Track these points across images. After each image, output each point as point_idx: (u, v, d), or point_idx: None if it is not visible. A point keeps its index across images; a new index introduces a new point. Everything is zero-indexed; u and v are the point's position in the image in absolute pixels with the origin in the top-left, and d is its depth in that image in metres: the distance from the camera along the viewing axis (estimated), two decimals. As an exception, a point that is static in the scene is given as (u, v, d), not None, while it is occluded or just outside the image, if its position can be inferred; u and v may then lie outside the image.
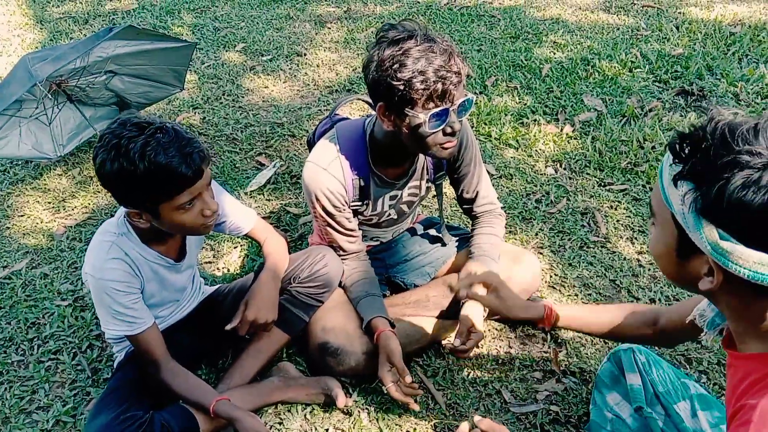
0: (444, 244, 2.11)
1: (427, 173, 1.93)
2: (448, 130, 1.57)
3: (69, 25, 4.52)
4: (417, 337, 1.97)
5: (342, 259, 1.93)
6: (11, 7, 4.90)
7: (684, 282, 1.02)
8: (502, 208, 2.06)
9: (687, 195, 0.92)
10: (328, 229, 1.87)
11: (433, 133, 1.56)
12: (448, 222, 2.29)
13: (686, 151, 0.93)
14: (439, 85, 1.49)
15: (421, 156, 1.87)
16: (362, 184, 1.82)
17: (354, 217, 1.91)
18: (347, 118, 2.00)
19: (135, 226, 1.61)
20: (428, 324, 1.99)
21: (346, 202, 1.82)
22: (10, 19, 4.70)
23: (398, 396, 1.71)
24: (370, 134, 1.78)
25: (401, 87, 1.50)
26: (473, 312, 1.80)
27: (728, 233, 0.89)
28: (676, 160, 0.94)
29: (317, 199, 1.80)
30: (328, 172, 1.77)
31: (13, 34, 4.48)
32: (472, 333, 1.77)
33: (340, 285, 1.94)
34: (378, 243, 2.13)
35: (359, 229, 1.96)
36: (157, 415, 1.60)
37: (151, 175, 1.42)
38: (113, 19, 4.55)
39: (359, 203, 1.87)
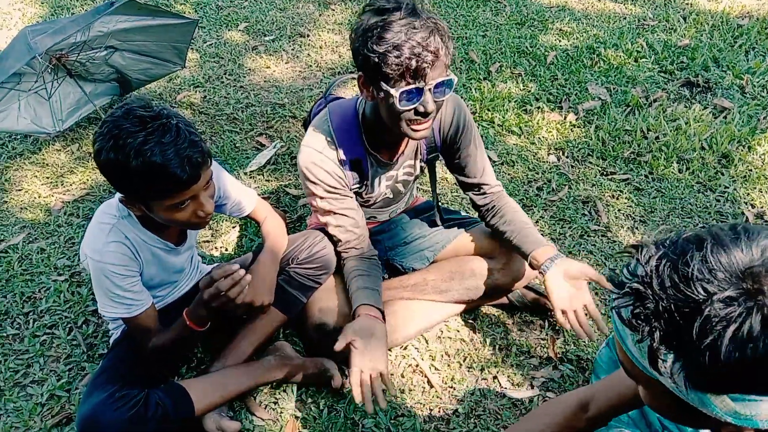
0: (447, 228, 2.09)
1: (421, 153, 1.89)
2: (421, 109, 1.51)
3: (70, 0, 4.47)
4: (414, 321, 1.96)
5: (343, 256, 1.87)
6: (12, -19, 4.85)
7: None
8: None
9: (674, 370, 0.79)
10: (328, 218, 1.81)
11: (405, 111, 1.51)
12: (448, 206, 2.28)
13: (642, 319, 0.79)
14: (413, 62, 1.43)
15: None
16: (359, 165, 1.78)
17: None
18: (342, 98, 1.96)
19: (133, 211, 1.59)
20: (426, 308, 1.98)
21: (344, 184, 1.78)
22: (10, -7, 4.65)
23: (357, 392, 1.59)
24: (362, 114, 1.74)
25: (376, 59, 1.45)
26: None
27: (744, 393, 0.77)
28: (634, 331, 0.81)
29: (313, 183, 1.75)
30: (323, 155, 1.73)
31: (14, 8, 4.43)
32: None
33: (337, 268, 1.92)
34: (375, 223, 2.11)
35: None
36: (152, 393, 1.60)
37: (144, 173, 1.38)
38: (115, -5, 4.50)
39: (358, 185, 1.84)
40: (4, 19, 4.27)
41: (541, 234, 2.33)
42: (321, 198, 1.77)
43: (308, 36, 3.82)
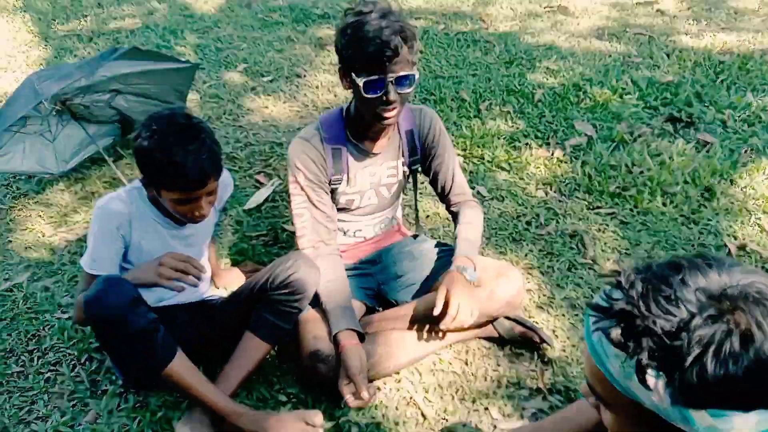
0: (437, 260, 2.16)
1: (403, 156, 2.07)
2: (384, 98, 1.75)
3: (74, 42, 4.61)
4: (406, 351, 2.02)
5: (315, 256, 1.97)
6: (17, 24, 4.99)
7: None
8: (493, 229, 2.13)
9: (659, 387, 0.84)
10: (303, 210, 1.98)
11: (370, 99, 1.76)
12: (439, 240, 2.36)
13: (631, 338, 0.85)
14: (375, 56, 1.69)
15: (395, 135, 2.04)
16: (340, 155, 1.97)
17: (333, 198, 2.04)
18: None
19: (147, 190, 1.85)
20: (414, 338, 2.05)
21: (326, 175, 1.97)
22: (15, 36, 4.79)
23: (354, 404, 1.82)
24: (346, 109, 1.99)
25: (345, 53, 1.75)
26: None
27: (721, 408, 0.82)
28: (623, 350, 0.86)
29: (297, 169, 1.95)
30: (310, 143, 1.96)
31: (18, 50, 4.56)
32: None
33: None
34: (362, 240, 2.19)
35: (340, 220, 2.09)
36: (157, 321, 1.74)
37: (163, 166, 1.66)
38: (117, 37, 4.64)
39: (338, 178, 1.99)
40: (8, 61, 4.39)
41: (530, 267, 2.43)
42: (301, 186, 1.97)
43: (305, 76, 3.94)
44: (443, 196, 2.18)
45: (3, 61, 4.38)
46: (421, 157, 2.11)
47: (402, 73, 1.73)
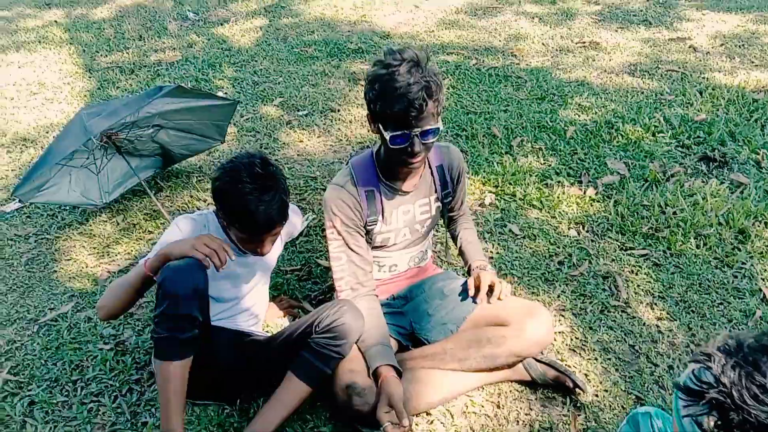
0: (465, 298, 2.19)
1: (436, 191, 2.16)
2: (409, 150, 1.84)
3: (116, 74, 4.78)
4: (437, 390, 2.05)
5: (353, 296, 2.05)
6: (63, 56, 5.20)
7: None
8: (525, 269, 2.28)
9: None
10: (341, 254, 2.05)
11: (396, 150, 1.85)
12: (466, 275, 2.40)
13: (726, 428, 0.85)
14: (401, 115, 1.77)
15: (427, 171, 2.12)
16: (374, 196, 2.04)
17: (369, 237, 2.09)
18: None
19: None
20: (448, 377, 2.07)
21: (361, 218, 2.03)
22: (62, 68, 4.99)
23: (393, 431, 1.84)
24: (376, 152, 2.07)
25: (374, 107, 1.83)
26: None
27: None
28: None
29: (334, 214, 2.02)
30: (344, 189, 2.02)
31: (64, 81, 4.75)
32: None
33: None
34: (396, 274, 2.24)
35: (376, 256, 2.16)
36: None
37: (236, 210, 1.86)
38: (158, 70, 4.80)
39: (374, 219, 2.05)
40: (55, 93, 4.58)
41: (562, 309, 2.44)
42: (338, 231, 2.04)
43: (338, 111, 4.03)
44: (446, 217, 2.31)
45: (50, 93, 4.57)
46: (451, 191, 2.20)
47: (427, 128, 1.82)
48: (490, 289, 2.10)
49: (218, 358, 1.98)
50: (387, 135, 1.82)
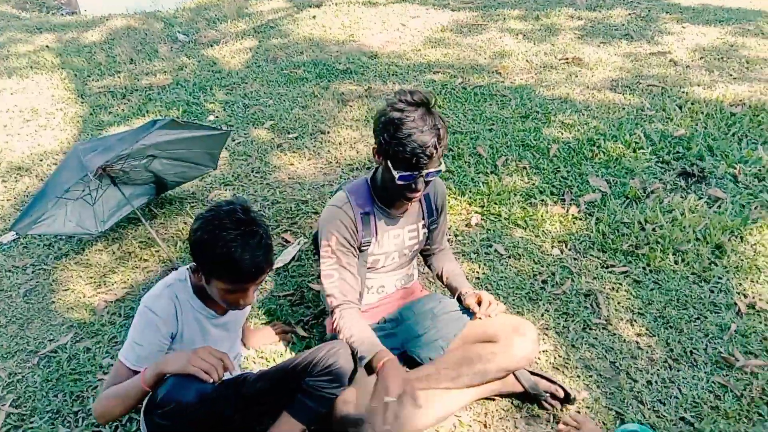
0: (455, 317, 2.29)
1: (423, 218, 2.30)
2: (413, 187, 2.01)
3: (108, 99, 4.88)
4: (434, 408, 2.15)
5: (340, 309, 2.14)
6: (55, 81, 5.29)
7: None
8: (511, 288, 2.55)
9: None
10: (333, 272, 2.15)
11: (400, 185, 2.00)
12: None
13: None
14: (413, 160, 1.92)
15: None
16: (369, 219, 2.17)
17: (362, 259, 2.20)
18: None
19: (192, 279, 1.94)
20: (442, 396, 2.17)
21: (356, 239, 2.15)
22: (54, 93, 5.08)
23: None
24: (371, 179, 2.20)
25: (387, 147, 1.95)
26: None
27: None
28: None
29: (330, 233, 2.13)
30: (341, 209, 2.15)
31: (56, 107, 4.84)
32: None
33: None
34: (384, 295, 2.36)
35: (366, 278, 2.27)
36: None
37: (221, 260, 1.75)
38: (149, 94, 4.90)
39: (368, 240, 2.18)
40: (47, 119, 4.66)
41: (546, 327, 2.54)
42: (333, 250, 2.14)
43: (328, 132, 4.13)
44: (427, 244, 2.42)
45: (43, 120, 4.65)
46: (435, 218, 2.33)
47: (433, 170, 1.99)
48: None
49: (210, 411, 1.92)
50: (396, 174, 1.97)
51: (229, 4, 6.87)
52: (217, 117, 4.46)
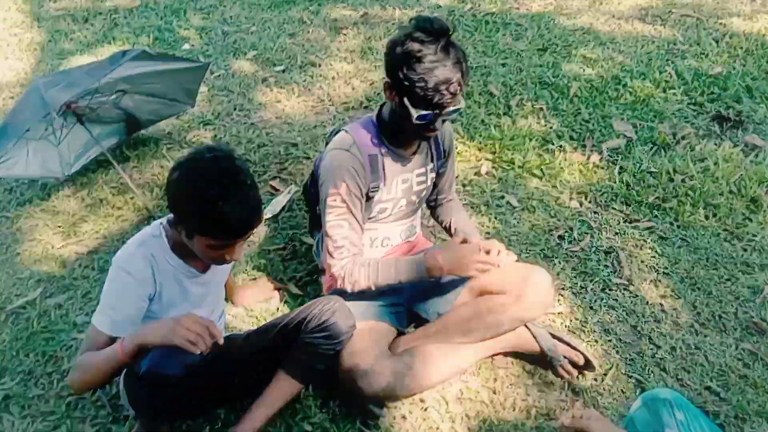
0: None
1: (432, 161, 2.33)
2: (431, 127, 2.02)
3: (68, 23, 4.81)
4: (447, 363, 2.25)
5: (353, 263, 2.18)
6: (7, 3, 5.19)
7: None
8: (524, 244, 2.63)
9: None
10: (343, 221, 2.16)
11: (418, 124, 2.01)
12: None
13: None
14: (436, 98, 1.92)
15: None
16: (377, 163, 2.18)
17: (368, 206, 2.24)
18: None
19: (168, 234, 1.92)
20: (450, 352, 2.26)
21: (365, 184, 2.17)
22: (5, 17, 5.00)
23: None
24: (378, 116, 2.20)
25: (405, 83, 1.93)
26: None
27: None
28: None
29: (341, 180, 2.13)
30: (349, 152, 2.14)
31: (10, 33, 4.77)
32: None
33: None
34: (389, 247, 2.41)
35: (368, 229, 2.30)
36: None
37: (207, 214, 1.73)
38: (115, 18, 4.83)
39: (376, 184, 2.20)
40: (1, 47, 4.59)
41: (562, 288, 2.62)
42: (342, 198, 2.14)
43: (320, 65, 4.11)
44: (434, 194, 2.48)
45: (-5, 46, 4.59)
46: (444, 161, 2.37)
47: (453, 108, 1.99)
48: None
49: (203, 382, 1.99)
50: (414, 113, 1.96)
51: None
52: (192, 46, 4.42)
